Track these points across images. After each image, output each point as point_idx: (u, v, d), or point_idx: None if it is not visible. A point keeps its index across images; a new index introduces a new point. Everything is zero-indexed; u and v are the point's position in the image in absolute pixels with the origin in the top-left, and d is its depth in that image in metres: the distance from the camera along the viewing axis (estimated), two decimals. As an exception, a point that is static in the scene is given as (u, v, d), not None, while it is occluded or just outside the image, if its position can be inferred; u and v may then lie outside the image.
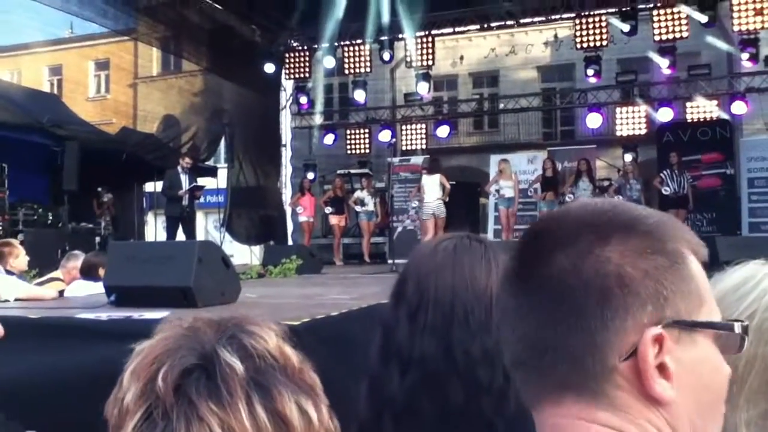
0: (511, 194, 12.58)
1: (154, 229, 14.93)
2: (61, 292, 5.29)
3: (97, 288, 4.65)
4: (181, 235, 11.24)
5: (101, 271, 4.78)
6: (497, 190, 12.84)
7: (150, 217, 15.34)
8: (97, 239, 11.89)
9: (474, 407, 1.21)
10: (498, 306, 0.74)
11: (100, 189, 12.60)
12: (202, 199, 12.67)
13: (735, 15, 12.67)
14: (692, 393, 0.65)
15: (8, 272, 5.29)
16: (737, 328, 0.67)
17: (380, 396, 1.27)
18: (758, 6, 12.45)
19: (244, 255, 16.08)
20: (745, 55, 12.82)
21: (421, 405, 1.22)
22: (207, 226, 20.61)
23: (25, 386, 2.71)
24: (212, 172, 14.98)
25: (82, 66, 26.47)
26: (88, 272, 5.52)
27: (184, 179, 11.41)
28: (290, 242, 14.94)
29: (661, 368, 0.63)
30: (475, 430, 1.21)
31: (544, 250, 0.67)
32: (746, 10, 12.55)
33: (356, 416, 1.33)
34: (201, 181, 12.66)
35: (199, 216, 18.15)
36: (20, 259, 5.62)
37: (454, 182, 12.86)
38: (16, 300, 4.44)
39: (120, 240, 10.41)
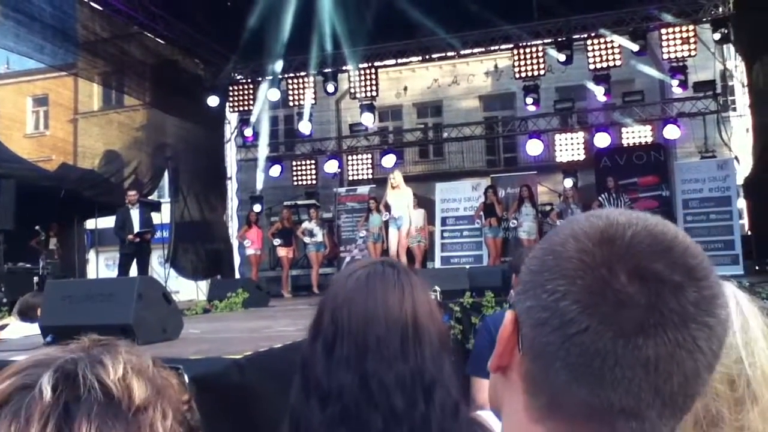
0: (400, 213, 10.88)
1: (96, 267, 14.54)
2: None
3: (33, 329, 4.51)
4: (134, 272, 11.01)
5: (39, 312, 4.64)
6: (388, 210, 11.15)
7: (92, 255, 14.94)
8: (36, 279, 11.50)
9: None
10: None
11: (37, 227, 12.23)
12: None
13: (664, 44, 13.27)
14: None
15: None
16: None
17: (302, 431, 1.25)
18: (684, 35, 13.08)
19: (190, 291, 15.77)
20: (675, 82, 13.39)
21: None
22: (152, 262, 20.16)
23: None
24: (156, 206, 14.72)
25: (20, 102, 25.80)
26: (25, 313, 5.34)
27: (135, 215, 11.23)
28: (238, 276, 14.73)
29: None
30: None
31: None
32: (674, 39, 13.16)
33: None
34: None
35: (144, 252, 17.73)
36: (-50, 301, 5.41)
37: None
38: (-53, 344, 4.27)
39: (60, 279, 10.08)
